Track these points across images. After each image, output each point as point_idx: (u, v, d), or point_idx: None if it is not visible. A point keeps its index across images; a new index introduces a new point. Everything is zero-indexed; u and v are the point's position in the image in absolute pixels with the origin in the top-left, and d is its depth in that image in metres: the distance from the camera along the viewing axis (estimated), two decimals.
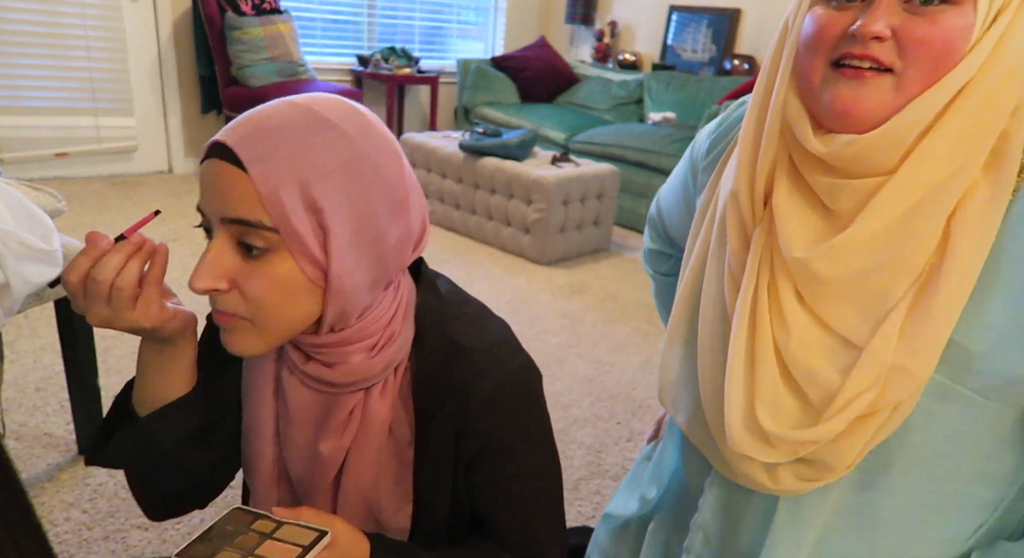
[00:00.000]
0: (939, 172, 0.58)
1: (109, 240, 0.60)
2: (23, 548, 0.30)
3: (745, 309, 0.67)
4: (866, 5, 0.58)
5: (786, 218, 0.64)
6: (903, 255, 0.60)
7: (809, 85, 0.62)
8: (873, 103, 0.58)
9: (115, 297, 0.59)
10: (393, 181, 0.61)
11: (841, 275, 0.61)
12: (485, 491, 0.71)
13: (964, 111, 0.57)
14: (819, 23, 0.61)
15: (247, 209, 0.56)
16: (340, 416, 0.68)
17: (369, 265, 0.61)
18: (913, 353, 0.59)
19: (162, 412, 0.68)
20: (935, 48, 0.56)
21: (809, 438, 0.62)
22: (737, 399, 0.67)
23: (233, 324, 0.60)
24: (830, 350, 0.63)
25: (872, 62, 0.57)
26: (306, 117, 0.58)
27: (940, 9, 0.56)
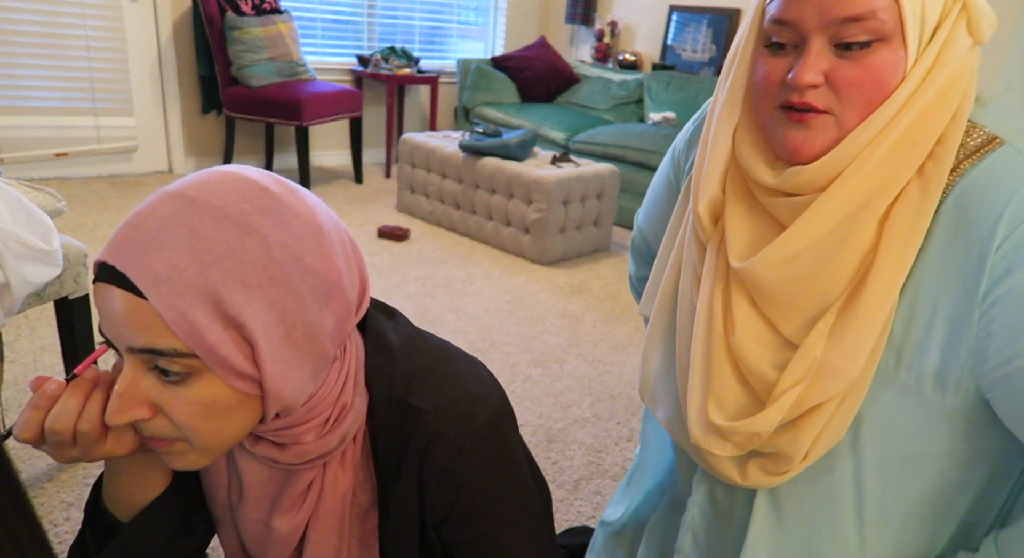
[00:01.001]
0: (868, 185, 0.62)
1: (59, 383, 0.54)
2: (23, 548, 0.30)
3: (703, 313, 0.73)
4: (799, 52, 0.63)
5: (734, 233, 0.71)
6: (839, 260, 0.64)
7: (763, 124, 0.68)
8: (818, 144, 0.63)
9: (81, 440, 0.54)
10: (319, 266, 0.54)
11: (781, 280, 0.66)
12: (459, 550, 0.67)
13: (896, 131, 0.61)
14: (762, 71, 0.66)
15: (154, 337, 0.49)
16: (296, 491, 0.63)
17: (307, 360, 0.55)
18: (840, 351, 0.64)
19: (146, 513, 0.63)
20: (866, 88, 0.61)
21: (751, 429, 0.67)
22: (695, 395, 0.72)
23: (168, 448, 0.54)
24: (772, 348, 0.68)
25: (810, 108, 0.62)
26: (206, 218, 0.50)
27: (869, 50, 0.60)
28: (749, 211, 0.71)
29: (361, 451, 0.66)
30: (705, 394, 0.72)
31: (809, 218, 0.64)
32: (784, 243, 0.65)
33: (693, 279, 0.77)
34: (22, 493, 0.30)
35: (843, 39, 0.60)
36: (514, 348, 2.23)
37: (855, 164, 0.62)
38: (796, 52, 0.63)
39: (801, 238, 0.64)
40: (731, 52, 0.73)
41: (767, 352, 0.68)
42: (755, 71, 0.67)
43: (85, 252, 1.37)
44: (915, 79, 0.61)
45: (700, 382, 0.72)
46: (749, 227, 0.71)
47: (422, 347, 0.68)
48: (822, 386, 0.65)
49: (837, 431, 0.67)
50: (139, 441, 0.56)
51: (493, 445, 0.65)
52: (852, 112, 0.62)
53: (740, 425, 0.68)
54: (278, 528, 0.64)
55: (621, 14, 4.76)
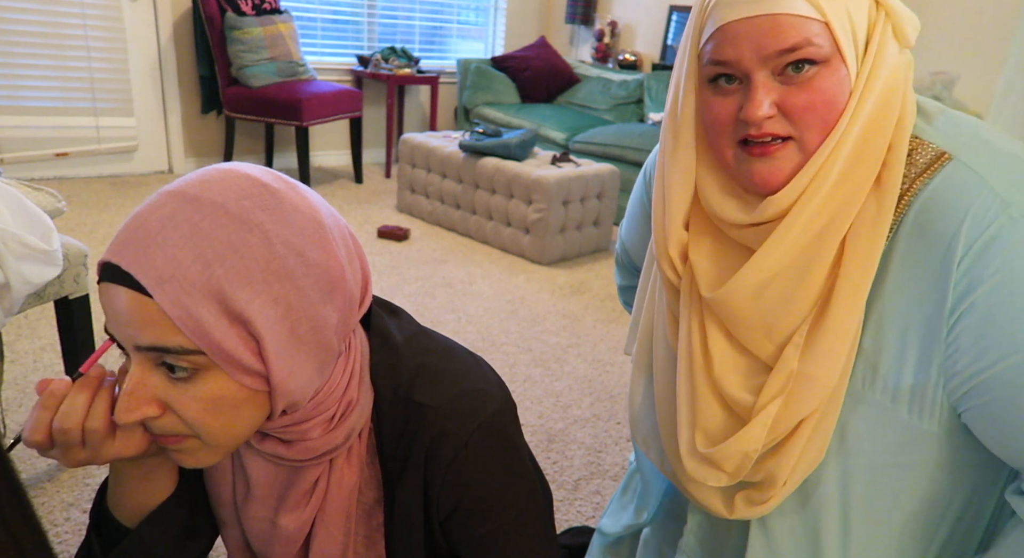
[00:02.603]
0: (831, 204, 0.63)
1: (66, 382, 0.54)
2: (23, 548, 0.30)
3: (683, 349, 0.74)
4: (745, 86, 0.64)
5: (702, 266, 0.72)
6: (807, 280, 0.65)
7: (725, 163, 0.68)
8: (786, 171, 0.64)
9: (90, 439, 0.53)
10: (321, 260, 0.54)
11: (751, 305, 0.67)
12: (464, 547, 0.67)
13: (848, 146, 0.62)
14: (711, 113, 0.66)
15: (161, 335, 0.49)
16: (302, 488, 0.63)
17: (312, 355, 0.55)
18: (815, 361, 0.65)
19: (152, 517, 0.63)
20: (819, 110, 0.62)
21: (739, 447, 0.68)
22: (683, 430, 0.74)
23: (179, 445, 0.54)
24: (750, 374, 0.70)
25: (772, 136, 0.63)
26: (207, 216, 0.50)
27: (812, 73, 0.61)
28: (715, 243, 0.72)
29: (366, 448, 0.66)
30: (692, 427, 0.73)
31: (775, 243, 0.65)
32: (752, 269, 0.66)
33: (668, 318, 0.78)
34: (22, 493, 0.30)
35: (785, 68, 0.61)
36: (514, 348, 2.23)
37: (814, 184, 0.63)
38: (742, 87, 0.64)
39: (769, 262, 0.65)
40: (671, 95, 0.73)
41: (746, 379, 0.70)
42: (704, 112, 0.67)
43: (85, 252, 1.37)
44: (858, 92, 0.62)
45: (687, 417, 0.74)
46: (716, 259, 0.72)
47: (426, 344, 0.68)
48: (800, 398, 0.66)
49: (817, 452, 0.68)
50: (147, 441, 0.56)
51: (498, 441, 0.65)
52: (811, 134, 0.63)
53: (728, 445, 0.69)
54: (284, 526, 0.64)
55: (621, 14, 4.76)
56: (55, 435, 0.53)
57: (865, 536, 0.69)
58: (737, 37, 0.61)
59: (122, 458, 0.56)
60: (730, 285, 0.67)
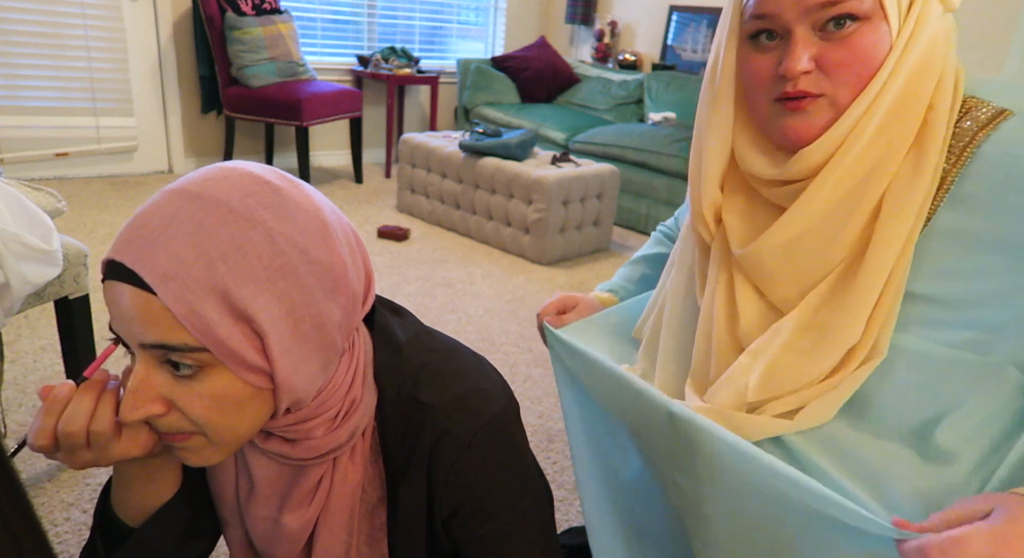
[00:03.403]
0: (866, 160, 0.64)
1: (69, 386, 0.54)
2: (23, 548, 0.30)
3: (706, 307, 0.75)
4: (785, 42, 0.65)
5: (733, 224, 0.73)
6: (841, 235, 0.65)
7: (760, 120, 0.69)
8: (817, 126, 0.65)
9: (95, 441, 0.53)
10: (325, 257, 0.54)
11: (782, 261, 0.68)
12: (466, 546, 0.67)
13: (885, 103, 0.63)
14: (750, 68, 0.68)
15: (165, 332, 0.49)
16: (306, 487, 0.63)
17: (316, 352, 0.55)
18: (840, 311, 0.65)
19: (156, 517, 0.63)
20: (856, 67, 0.63)
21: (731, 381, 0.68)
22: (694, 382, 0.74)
23: (184, 442, 0.54)
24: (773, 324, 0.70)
25: (806, 94, 0.64)
26: (210, 214, 0.50)
27: (853, 29, 0.62)
28: (747, 202, 0.73)
29: (370, 447, 0.66)
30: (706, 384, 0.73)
31: (807, 199, 0.65)
32: (784, 225, 0.67)
33: (698, 279, 0.78)
34: (22, 493, 0.30)
35: (826, 23, 0.62)
36: (514, 348, 2.23)
37: (849, 141, 0.64)
38: (781, 44, 0.65)
39: (800, 219, 0.66)
40: (712, 55, 0.74)
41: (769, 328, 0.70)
42: (744, 69, 0.69)
43: (85, 252, 1.37)
44: (898, 51, 0.63)
45: (701, 375, 0.74)
46: (748, 217, 0.72)
47: (429, 344, 0.68)
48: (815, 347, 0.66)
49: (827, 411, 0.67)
50: (153, 441, 0.56)
51: (501, 441, 0.65)
52: (846, 91, 0.64)
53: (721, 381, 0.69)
54: (287, 525, 0.64)
55: (621, 14, 4.76)
56: (60, 439, 0.53)
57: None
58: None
59: (128, 459, 0.56)
60: (760, 241, 0.68)
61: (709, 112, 0.73)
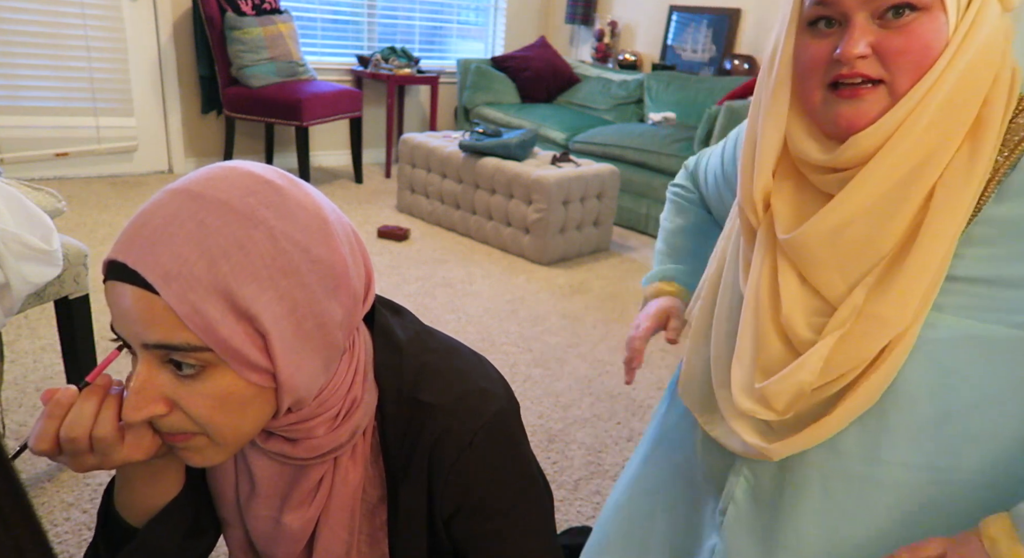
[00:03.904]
0: (918, 152, 0.64)
1: (72, 390, 0.54)
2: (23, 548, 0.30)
3: (750, 295, 0.75)
4: (843, 29, 0.65)
5: (780, 208, 0.73)
6: (889, 225, 0.66)
7: (812, 107, 0.69)
8: (873, 114, 0.65)
9: (98, 446, 0.53)
10: (326, 256, 0.54)
11: (828, 248, 0.68)
12: (467, 546, 0.67)
13: (940, 95, 0.63)
14: (807, 54, 0.68)
15: (168, 332, 0.49)
16: (307, 487, 0.63)
17: (318, 351, 0.55)
18: (886, 301, 0.65)
19: (159, 517, 0.63)
20: (913, 55, 0.63)
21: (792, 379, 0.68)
22: (743, 369, 0.74)
23: (187, 442, 0.54)
24: (821, 317, 0.70)
25: (863, 78, 0.64)
26: (212, 213, 0.50)
27: (911, 18, 0.62)
28: (796, 188, 0.73)
29: (370, 447, 0.66)
30: (753, 367, 0.74)
31: (857, 186, 0.65)
32: (832, 211, 0.67)
33: (743, 264, 0.79)
34: (22, 493, 0.30)
35: (886, 11, 0.62)
36: (514, 348, 2.23)
37: (902, 130, 0.64)
38: (840, 30, 0.65)
39: (848, 206, 0.66)
40: (771, 43, 0.74)
41: (814, 319, 0.70)
42: (800, 54, 0.69)
43: (85, 252, 1.37)
44: (956, 44, 0.63)
45: (748, 355, 0.74)
46: (796, 203, 0.73)
47: (429, 343, 0.68)
48: (863, 336, 0.66)
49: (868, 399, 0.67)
50: (156, 445, 0.56)
51: (502, 440, 0.65)
52: (903, 79, 0.64)
53: (783, 376, 0.69)
54: (288, 524, 0.64)
55: (621, 14, 4.76)
56: (63, 444, 0.53)
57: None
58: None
59: (131, 462, 0.56)
60: (807, 227, 0.68)
61: (768, 101, 0.74)
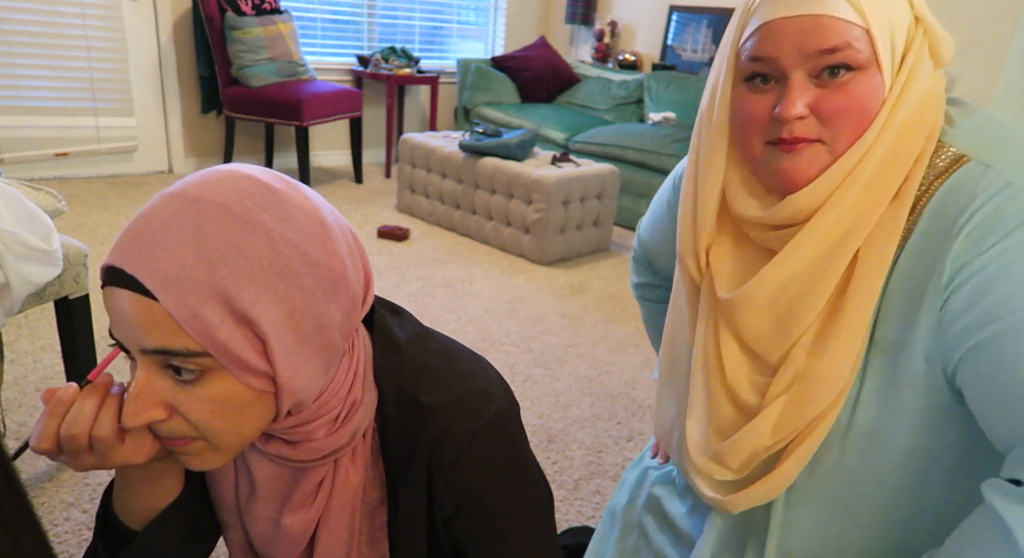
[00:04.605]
0: (856, 211, 0.64)
1: (73, 388, 0.54)
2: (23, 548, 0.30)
3: (699, 353, 0.76)
4: (780, 86, 0.65)
5: (720, 267, 0.74)
6: (824, 284, 0.66)
7: (753, 161, 0.69)
8: (812, 171, 0.65)
9: (98, 446, 0.53)
10: (324, 259, 0.54)
11: (767, 307, 0.69)
12: (467, 547, 0.67)
13: (878, 155, 0.63)
14: (745, 109, 0.68)
15: (167, 337, 0.49)
16: (307, 488, 0.63)
17: (317, 354, 0.55)
18: (824, 361, 0.66)
19: (159, 520, 0.63)
20: (852, 115, 0.63)
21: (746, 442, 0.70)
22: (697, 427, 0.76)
23: (186, 447, 0.54)
24: (759, 375, 0.72)
25: (803, 140, 0.64)
26: (210, 217, 0.50)
27: (848, 78, 0.62)
28: (736, 244, 0.74)
29: (370, 448, 0.66)
30: (707, 427, 0.75)
31: (798, 244, 0.66)
32: (774, 270, 0.67)
33: (688, 317, 0.80)
34: (22, 493, 0.30)
35: (822, 71, 0.62)
36: (514, 348, 2.23)
37: (842, 189, 0.64)
38: (777, 87, 0.65)
39: (790, 265, 0.66)
40: (707, 95, 0.74)
41: (755, 382, 0.72)
42: (739, 109, 0.68)
43: (85, 252, 1.37)
44: (891, 102, 0.63)
45: (702, 418, 0.75)
46: (735, 259, 0.73)
47: (429, 344, 0.68)
48: (808, 397, 0.67)
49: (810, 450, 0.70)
50: (156, 448, 0.56)
51: (501, 441, 0.65)
52: (842, 139, 0.64)
53: (736, 440, 0.71)
54: (288, 526, 0.64)
55: (621, 14, 4.76)
56: (63, 442, 0.53)
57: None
58: (779, 33, 0.62)
59: (131, 465, 0.56)
60: (748, 287, 0.69)
61: (706, 153, 0.73)
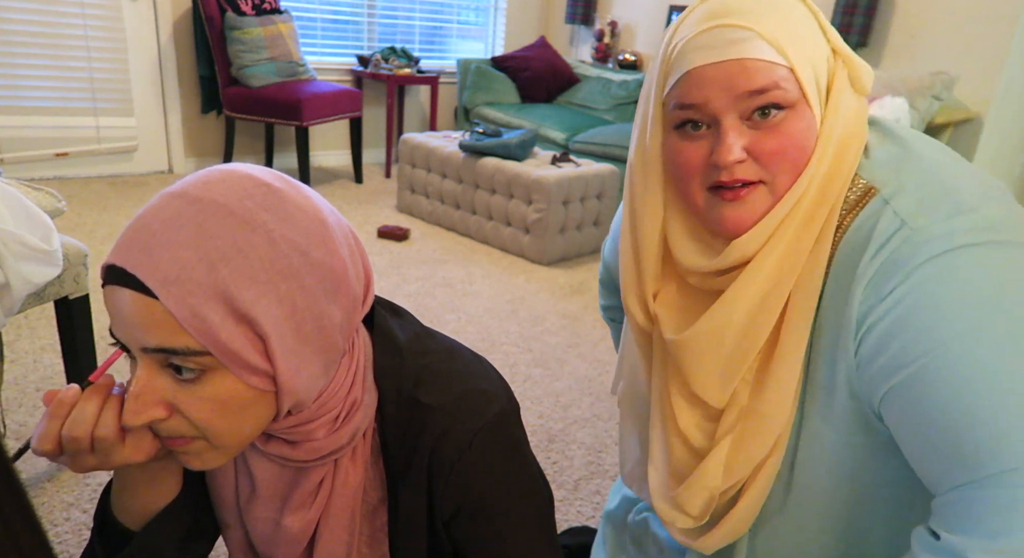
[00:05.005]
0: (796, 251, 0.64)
1: (74, 390, 0.54)
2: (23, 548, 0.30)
3: (655, 400, 0.77)
4: (713, 131, 0.64)
5: (666, 311, 0.74)
6: (764, 324, 0.66)
7: (695, 208, 0.68)
8: (757, 214, 0.65)
9: (99, 446, 0.53)
10: (325, 259, 0.54)
11: (712, 349, 0.69)
12: (467, 547, 0.67)
13: (812, 193, 0.63)
14: (681, 157, 0.66)
15: (168, 336, 0.49)
16: (307, 488, 0.63)
17: (318, 354, 0.55)
18: (765, 399, 0.67)
19: (158, 520, 0.63)
20: (790, 154, 0.63)
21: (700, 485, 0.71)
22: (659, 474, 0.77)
23: (186, 446, 0.54)
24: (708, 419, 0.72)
25: (743, 182, 0.64)
26: (210, 217, 0.50)
27: (780, 117, 0.62)
28: (681, 289, 0.74)
29: (371, 448, 0.66)
30: (667, 473, 0.76)
31: (740, 288, 0.66)
32: (717, 313, 0.67)
33: (642, 362, 0.80)
34: (22, 493, 0.30)
35: (754, 112, 0.62)
36: (514, 348, 2.23)
37: (780, 230, 0.64)
38: (710, 132, 0.64)
39: (733, 308, 0.66)
40: (635, 145, 0.74)
41: (706, 427, 0.72)
42: (674, 158, 0.67)
43: (85, 252, 1.37)
44: (824, 137, 0.63)
45: (662, 464, 0.76)
46: (681, 303, 0.73)
47: (429, 344, 0.68)
48: (753, 436, 0.68)
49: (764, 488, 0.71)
50: (156, 447, 0.56)
51: (502, 441, 0.65)
52: (782, 179, 0.63)
53: (690, 484, 0.71)
54: (288, 526, 0.64)
55: (621, 14, 4.76)
56: (64, 443, 0.53)
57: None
58: (705, 80, 0.62)
59: (131, 464, 0.56)
60: (694, 329, 0.69)
61: (641, 201, 0.73)
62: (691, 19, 0.65)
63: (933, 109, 3.02)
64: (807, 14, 0.64)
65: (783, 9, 0.62)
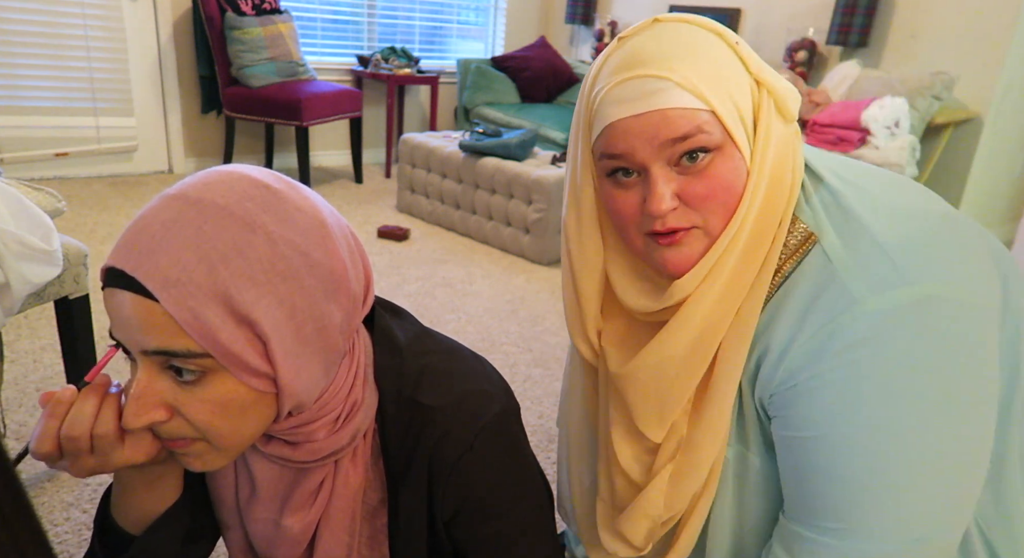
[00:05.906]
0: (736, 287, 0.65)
1: (71, 390, 0.54)
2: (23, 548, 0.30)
3: (602, 435, 0.77)
4: (644, 179, 0.64)
5: (611, 344, 0.75)
6: (703, 358, 0.67)
7: (636, 251, 0.69)
8: (696, 256, 0.65)
9: (98, 445, 0.53)
10: (325, 260, 0.54)
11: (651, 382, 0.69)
12: (467, 547, 0.67)
13: (747, 229, 0.63)
14: (615, 205, 0.67)
15: (168, 338, 0.49)
16: (308, 489, 0.63)
17: (318, 355, 0.55)
18: (701, 429, 0.68)
19: (157, 523, 0.63)
20: (720, 197, 0.63)
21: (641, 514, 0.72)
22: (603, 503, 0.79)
23: (187, 448, 0.54)
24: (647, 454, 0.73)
25: (676, 230, 0.64)
26: (210, 218, 0.50)
27: (707, 160, 0.62)
28: (626, 323, 0.74)
29: (371, 449, 0.66)
30: (613, 507, 0.77)
31: (680, 323, 0.66)
32: (656, 347, 0.68)
33: (589, 394, 0.81)
34: (22, 493, 0.30)
35: (680, 158, 0.62)
36: (514, 348, 2.23)
37: (717, 267, 0.64)
38: (641, 179, 0.64)
39: (672, 343, 0.67)
40: (569, 189, 0.74)
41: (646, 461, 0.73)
42: (609, 205, 0.68)
43: (85, 252, 1.37)
44: (755, 173, 0.63)
45: (606, 492, 0.77)
46: (626, 335, 0.74)
47: (429, 345, 0.68)
48: (688, 469, 0.69)
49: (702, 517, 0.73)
50: (156, 447, 0.56)
51: (502, 441, 0.65)
52: (715, 220, 0.64)
53: (631, 512, 0.72)
54: (289, 527, 0.64)
55: (621, 14, 4.76)
56: (63, 444, 0.53)
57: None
58: (629, 132, 0.62)
59: (131, 464, 0.56)
60: (636, 361, 0.69)
61: (576, 243, 0.75)
62: (608, 68, 0.65)
63: (933, 109, 3.02)
64: (724, 49, 0.63)
65: (698, 50, 0.61)
